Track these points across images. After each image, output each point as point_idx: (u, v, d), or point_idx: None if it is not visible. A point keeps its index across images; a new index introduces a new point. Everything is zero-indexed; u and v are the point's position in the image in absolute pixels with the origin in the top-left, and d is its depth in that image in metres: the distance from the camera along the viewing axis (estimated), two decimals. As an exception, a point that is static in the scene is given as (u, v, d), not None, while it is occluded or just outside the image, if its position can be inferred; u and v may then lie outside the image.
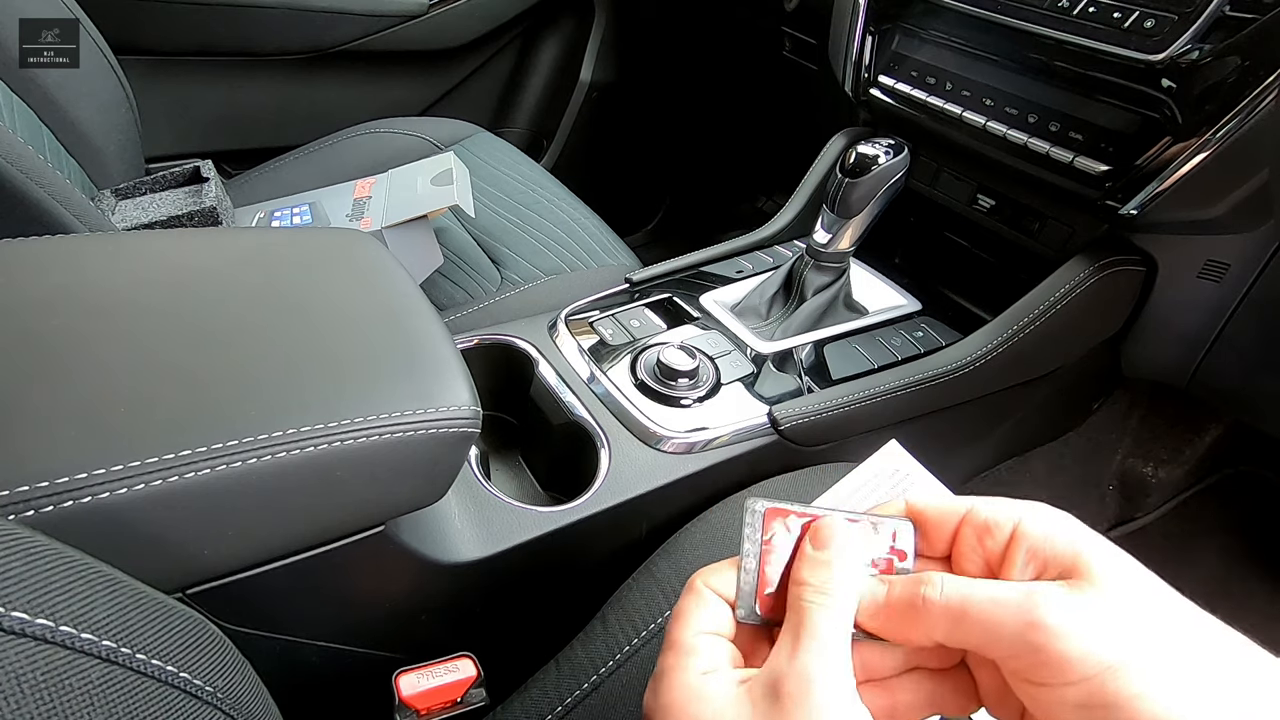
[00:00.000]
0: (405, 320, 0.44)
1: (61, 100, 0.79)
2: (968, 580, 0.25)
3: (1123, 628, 0.23)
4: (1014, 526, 0.26)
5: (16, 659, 0.19)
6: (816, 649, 0.25)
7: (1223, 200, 0.62)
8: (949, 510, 0.27)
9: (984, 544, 0.26)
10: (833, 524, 0.28)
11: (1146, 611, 0.23)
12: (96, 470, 0.31)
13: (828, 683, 0.24)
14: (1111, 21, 0.61)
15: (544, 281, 0.88)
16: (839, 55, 0.88)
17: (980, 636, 0.24)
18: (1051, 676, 0.23)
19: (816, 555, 0.27)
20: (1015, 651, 0.23)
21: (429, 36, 1.29)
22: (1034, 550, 0.25)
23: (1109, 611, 0.23)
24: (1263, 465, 0.95)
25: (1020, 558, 0.25)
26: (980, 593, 0.24)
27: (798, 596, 0.27)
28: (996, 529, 0.26)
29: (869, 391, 0.67)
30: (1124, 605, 0.23)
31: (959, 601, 0.25)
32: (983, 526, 0.26)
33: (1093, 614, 0.23)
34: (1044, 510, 0.26)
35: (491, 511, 0.56)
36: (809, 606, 0.26)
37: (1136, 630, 0.23)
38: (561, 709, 0.48)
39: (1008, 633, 0.23)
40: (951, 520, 0.27)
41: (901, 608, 0.26)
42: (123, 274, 0.42)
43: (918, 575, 0.26)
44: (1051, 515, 0.26)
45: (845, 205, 0.71)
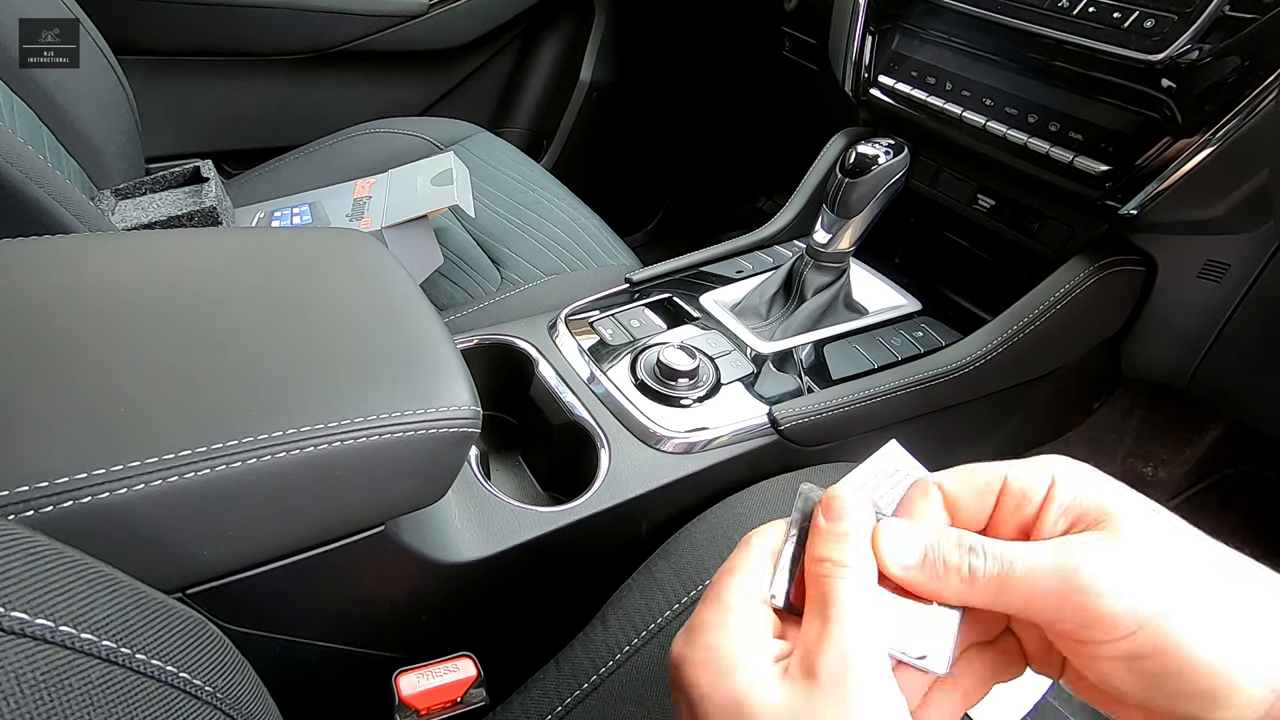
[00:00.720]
0: (405, 320, 0.44)
1: (61, 100, 0.79)
2: (1006, 547, 0.25)
3: (1162, 577, 0.23)
4: (1047, 488, 0.26)
5: (16, 659, 0.19)
6: (845, 625, 0.24)
7: (1223, 200, 0.62)
8: (985, 486, 0.27)
9: (1021, 511, 0.27)
10: (844, 494, 0.28)
11: (1181, 557, 0.23)
12: (96, 470, 0.31)
13: (861, 660, 0.24)
14: (1111, 21, 0.61)
15: (544, 281, 0.88)
16: (839, 55, 0.88)
17: (1024, 602, 0.24)
18: (1099, 634, 0.23)
19: (832, 528, 0.27)
20: (1060, 614, 0.24)
21: (429, 36, 1.29)
22: (1065, 507, 0.26)
23: (1146, 563, 0.23)
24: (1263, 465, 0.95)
25: (1052, 515, 0.26)
26: (1020, 560, 0.24)
27: (816, 574, 0.26)
28: (1033, 493, 0.26)
29: (869, 391, 0.67)
30: (1159, 554, 0.23)
31: (1001, 570, 0.25)
32: (1019, 496, 0.26)
33: (1131, 568, 0.23)
34: (1071, 466, 0.26)
35: (491, 511, 0.56)
36: (830, 582, 0.26)
37: (1175, 577, 0.23)
38: (561, 709, 0.48)
39: (1051, 597, 0.24)
40: (990, 498, 0.27)
41: (940, 570, 0.26)
42: (122, 274, 0.42)
43: (956, 538, 0.26)
44: (1078, 470, 0.26)
45: (845, 205, 0.71)
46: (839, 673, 0.23)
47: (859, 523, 0.27)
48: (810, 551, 0.27)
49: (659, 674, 0.48)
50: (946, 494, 0.28)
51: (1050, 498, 0.26)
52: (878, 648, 0.24)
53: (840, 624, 0.24)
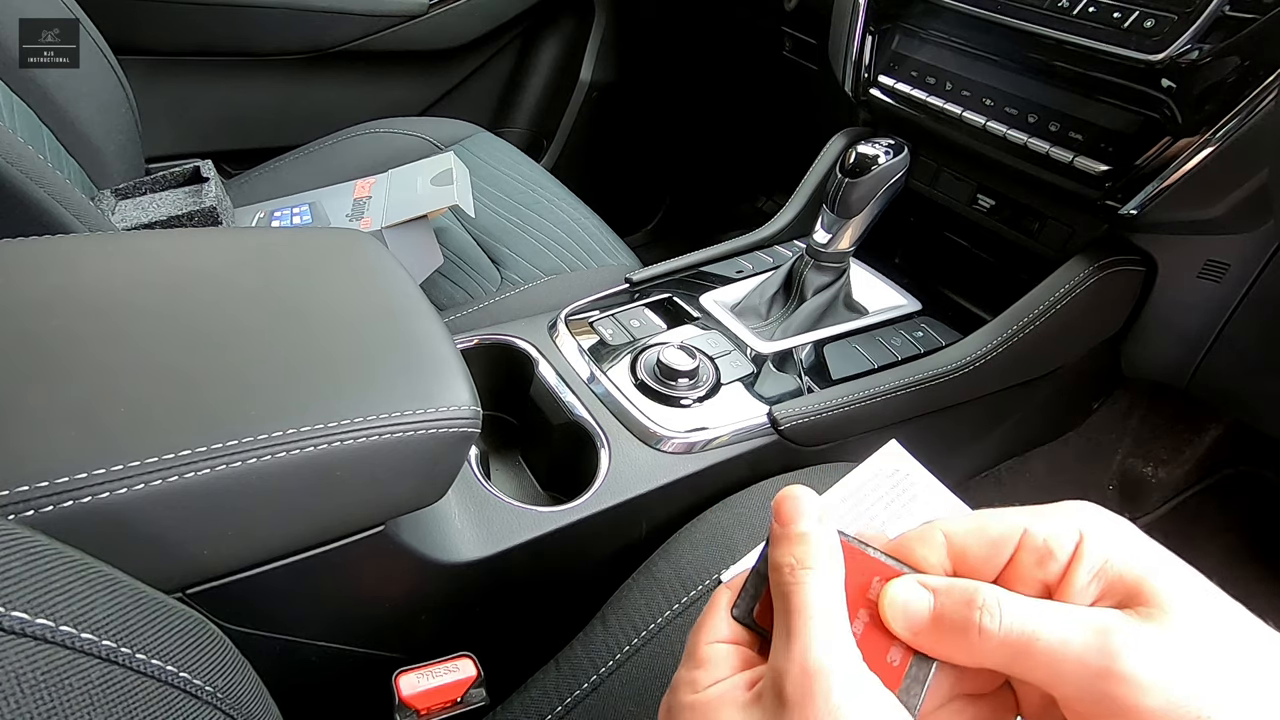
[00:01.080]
0: (405, 320, 0.44)
1: (61, 100, 0.79)
2: (1029, 607, 0.22)
3: (1205, 672, 0.20)
4: (1075, 545, 0.23)
5: (16, 659, 0.19)
6: (811, 637, 0.23)
7: (1223, 200, 0.62)
8: (999, 537, 0.24)
9: (1045, 568, 0.23)
10: (795, 494, 0.26)
11: (1229, 650, 0.21)
12: (96, 470, 0.31)
13: (825, 675, 0.22)
14: (1111, 21, 0.61)
15: (544, 281, 0.88)
16: (839, 55, 0.88)
17: (1045, 677, 0.22)
18: None
19: (787, 530, 0.25)
20: (1084, 696, 0.21)
21: (429, 36, 1.29)
22: (1098, 570, 0.23)
23: (1189, 653, 0.21)
24: (1263, 465, 0.95)
25: (1082, 577, 0.23)
26: (1046, 630, 0.22)
27: (777, 583, 0.25)
28: (1059, 550, 0.23)
29: (869, 391, 0.67)
30: (1204, 644, 0.21)
31: (1020, 637, 0.22)
32: (1043, 550, 0.23)
33: (1175, 658, 0.20)
34: (1105, 522, 0.24)
35: (491, 511, 0.56)
36: (791, 589, 0.24)
37: (1220, 674, 0.20)
38: (561, 709, 0.48)
39: (1078, 677, 0.21)
40: (1004, 550, 0.24)
41: (949, 626, 0.23)
42: (122, 274, 0.42)
43: (970, 590, 0.23)
44: (1115, 529, 0.23)
45: (845, 205, 0.71)
46: (804, 692, 0.22)
47: (814, 521, 0.25)
48: (771, 560, 0.25)
49: (659, 674, 0.48)
50: (952, 542, 0.25)
51: (1079, 556, 0.23)
52: (844, 656, 0.22)
53: (801, 636, 0.23)
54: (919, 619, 0.23)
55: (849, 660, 0.22)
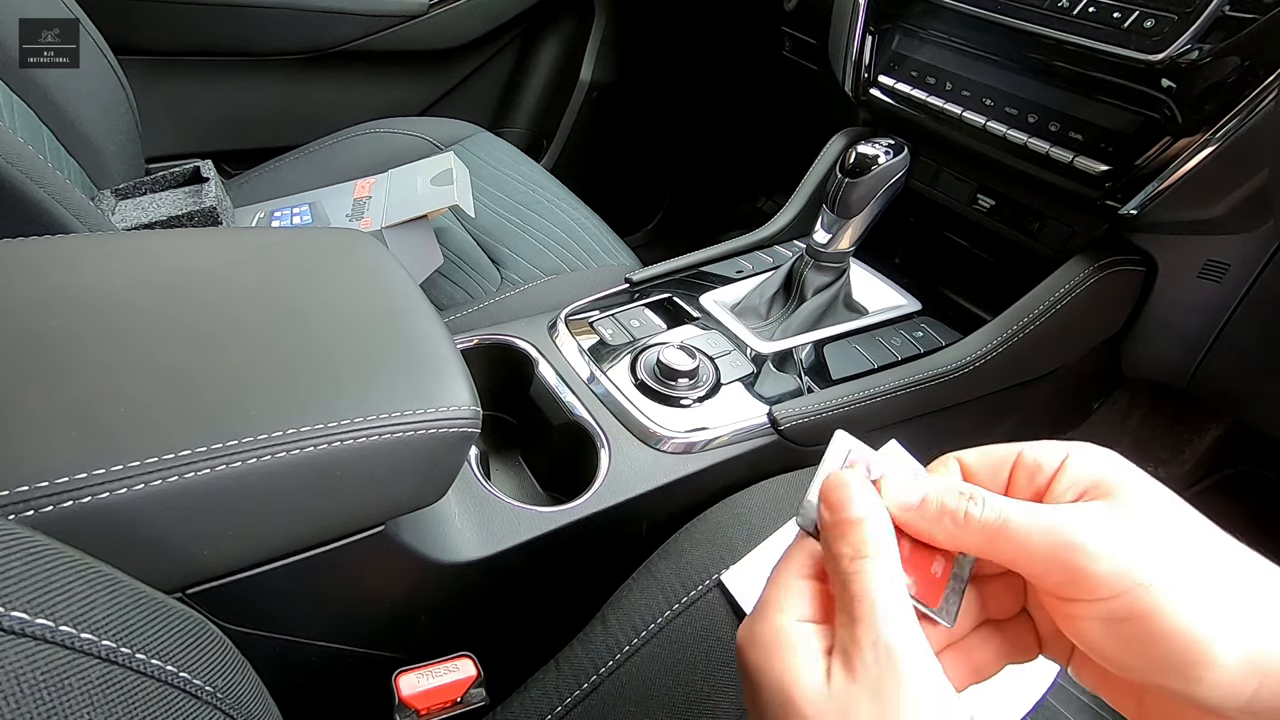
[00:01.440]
0: (405, 320, 0.44)
1: (61, 100, 0.78)
2: (1006, 501, 0.26)
3: (1151, 546, 0.23)
4: (1060, 461, 0.27)
5: (16, 659, 0.19)
6: (877, 623, 0.24)
7: (1223, 200, 0.62)
8: (1000, 460, 0.28)
9: (1034, 482, 0.27)
10: (846, 480, 0.27)
11: (1174, 530, 0.24)
12: (96, 470, 0.31)
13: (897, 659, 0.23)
14: (1111, 21, 0.61)
15: (544, 281, 0.88)
16: (839, 55, 0.88)
17: (1013, 553, 0.25)
18: (1081, 593, 0.24)
19: (839, 518, 0.26)
20: (1047, 569, 0.24)
21: (429, 36, 1.29)
22: (1076, 480, 0.26)
23: (1137, 530, 0.24)
24: (1263, 465, 0.95)
25: (1062, 485, 0.26)
26: (1017, 514, 0.25)
27: (835, 571, 0.26)
28: (1046, 464, 0.27)
29: (869, 391, 0.67)
30: (1152, 524, 0.24)
31: (997, 519, 0.25)
32: (1033, 467, 0.27)
33: (1122, 533, 0.24)
34: (1089, 446, 0.27)
35: (491, 511, 0.56)
36: (850, 576, 0.25)
37: (1164, 548, 0.23)
38: (561, 709, 0.48)
39: (1040, 551, 0.24)
40: (1004, 469, 0.28)
41: (936, 512, 0.26)
42: (122, 274, 0.42)
43: (958, 485, 0.27)
44: (1096, 449, 0.27)
45: (845, 205, 0.71)
46: (877, 675, 0.23)
47: (866, 504, 0.27)
48: (826, 549, 0.27)
49: (659, 674, 0.48)
50: (964, 465, 0.29)
51: (1063, 468, 0.26)
52: (913, 640, 0.24)
53: (871, 623, 0.24)
54: (910, 501, 0.27)
55: (919, 646, 0.24)
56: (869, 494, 0.27)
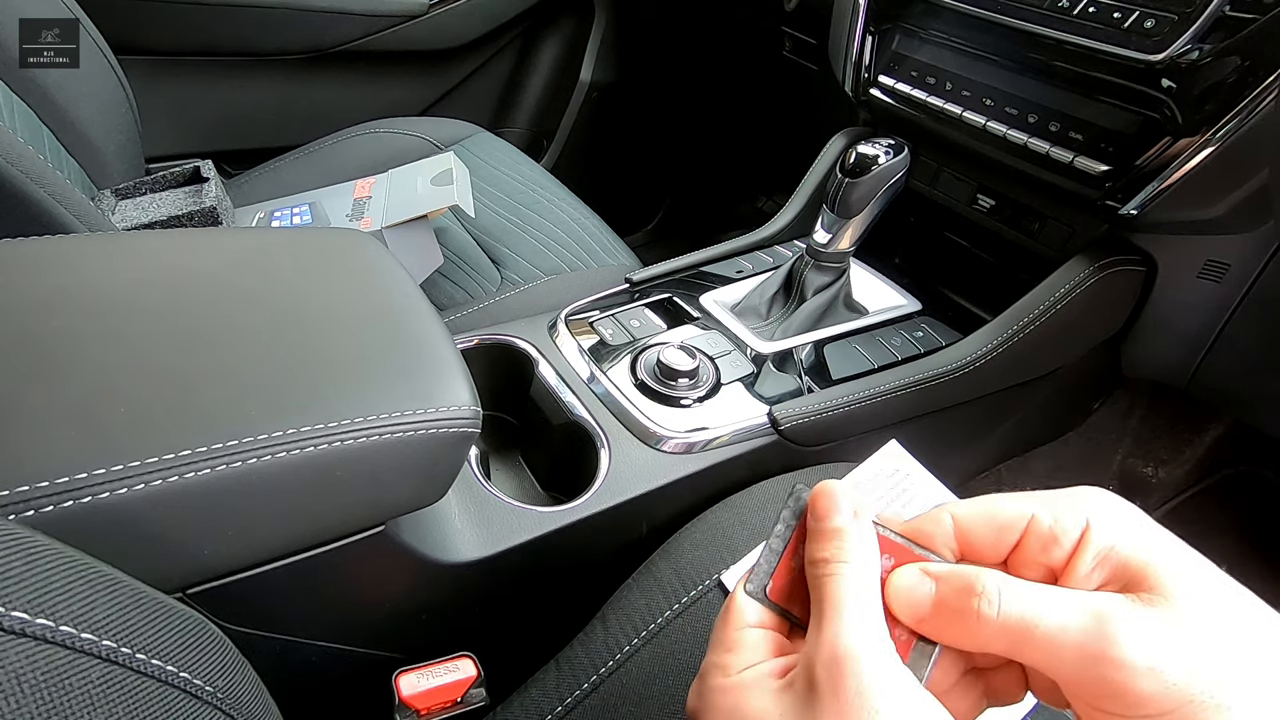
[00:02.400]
0: (405, 320, 0.44)
1: (61, 100, 0.78)
2: (1028, 592, 0.22)
3: (1205, 658, 0.20)
4: (1082, 531, 0.23)
5: (16, 659, 0.19)
6: (842, 624, 0.23)
7: (1223, 200, 0.61)
8: (1006, 522, 0.25)
9: (1049, 554, 0.24)
10: (832, 490, 0.26)
11: (1230, 635, 0.21)
12: (96, 470, 0.31)
13: (857, 656, 0.22)
14: (1111, 21, 0.61)
15: (544, 281, 0.88)
16: (839, 55, 0.88)
17: (1044, 661, 0.22)
18: (1121, 709, 0.21)
19: (823, 526, 0.25)
20: (1083, 680, 0.21)
21: (429, 36, 1.29)
22: (1103, 556, 0.23)
23: (1189, 639, 0.20)
24: (1263, 465, 0.95)
25: (1086, 562, 0.23)
26: (1045, 617, 0.22)
27: (814, 576, 0.25)
28: (1064, 537, 0.23)
29: (869, 391, 0.67)
30: (1205, 630, 0.21)
31: (1019, 623, 0.22)
32: (1048, 537, 0.24)
33: (1171, 643, 0.20)
34: (1113, 507, 0.24)
35: (491, 511, 0.56)
36: (827, 582, 0.24)
37: (1220, 661, 0.20)
38: (561, 709, 0.48)
39: (1075, 662, 0.21)
40: (1010, 535, 0.24)
41: (950, 613, 0.23)
42: (122, 274, 0.42)
43: (969, 577, 0.23)
44: (1122, 514, 0.23)
45: (845, 205, 0.71)
46: (834, 680, 0.22)
47: (850, 516, 0.25)
48: (808, 555, 0.26)
49: (659, 674, 0.48)
50: (959, 525, 0.25)
51: (1085, 542, 0.23)
52: (877, 648, 0.22)
53: (833, 624, 0.23)
54: (921, 607, 0.24)
55: (880, 647, 0.22)
56: (855, 506, 0.26)
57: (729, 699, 0.24)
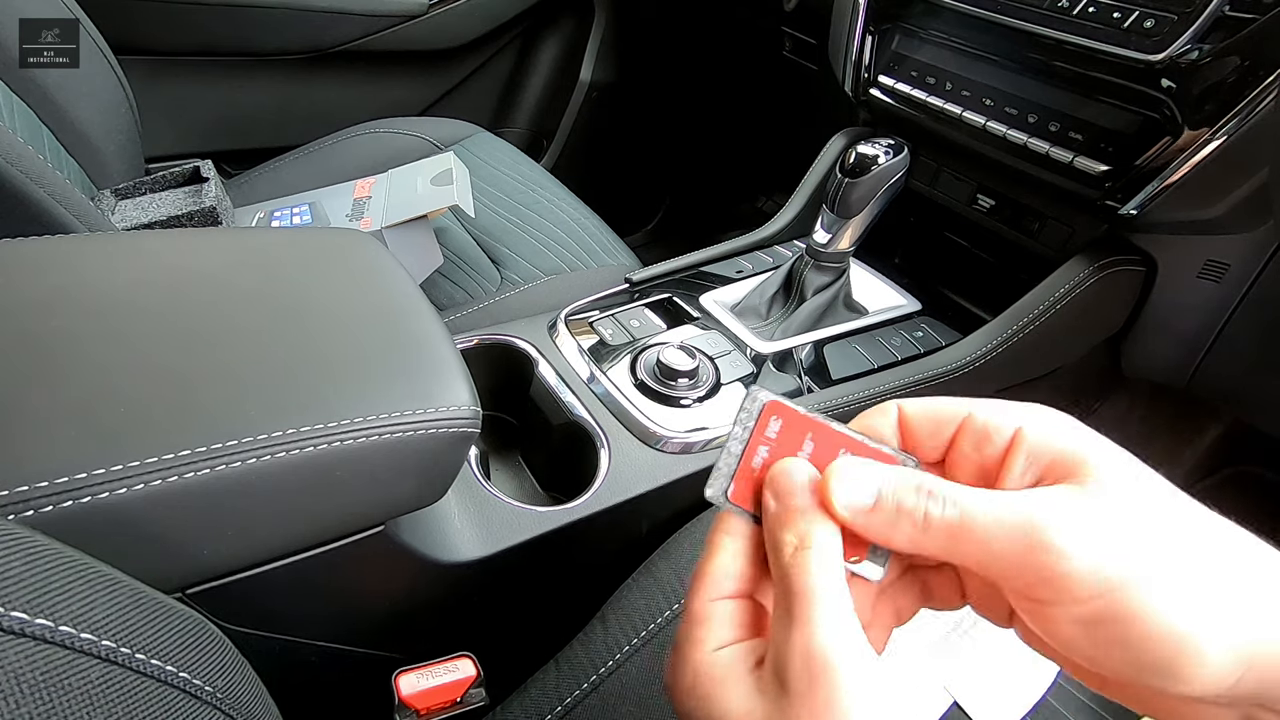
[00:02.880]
0: (405, 320, 0.44)
1: (61, 100, 0.79)
2: (968, 493, 0.23)
3: (1131, 540, 0.21)
4: (1014, 432, 0.24)
5: (16, 659, 0.19)
6: (815, 624, 0.22)
7: (1222, 200, 0.62)
8: (945, 417, 0.25)
9: (982, 451, 0.24)
10: (791, 467, 0.25)
11: (1155, 520, 0.22)
12: (96, 470, 0.31)
13: (833, 665, 0.21)
14: (1111, 21, 0.61)
15: (544, 281, 0.88)
16: (839, 55, 0.88)
17: (978, 557, 0.22)
18: (1056, 596, 0.21)
19: (785, 504, 0.25)
20: (1018, 574, 0.22)
21: (429, 36, 1.29)
22: (1034, 455, 0.23)
23: (1117, 523, 0.21)
24: (1263, 465, 0.95)
25: (1019, 464, 0.23)
26: (979, 513, 0.22)
27: (776, 563, 0.24)
28: (996, 434, 0.24)
29: (869, 391, 0.67)
30: (1132, 514, 0.21)
31: (960, 520, 0.22)
32: (981, 433, 0.24)
33: (1097, 525, 0.21)
34: (1045, 412, 0.24)
35: (491, 511, 0.56)
36: (790, 569, 0.23)
37: (1146, 542, 0.21)
38: (561, 709, 0.48)
39: (1007, 552, 0.22)
40: (948, 429, 0.25)
41: (893, 514, 0.23)
42: (122, 274, 0.42)
43: (916, 480, 0.24)
44: (1053, 417, 0.24)
45: (845, 205, 0.71)
46: (808, 684, 0.21)
47: (808, 494, 0.25)
48: (768, 536, 0.25)
49: (659, 674, 0.48)
50: (904, 416, 0.26)
51: (1017, 441, 0.24)
52: (850, 646, 0.22)
53: (804, 624, 0.22)
54: (863, 504, 0.24)
55: (855, 651, 0.22)
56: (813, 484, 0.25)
57: (703, 685, 0.24)
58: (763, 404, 0.27)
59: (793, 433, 0.26)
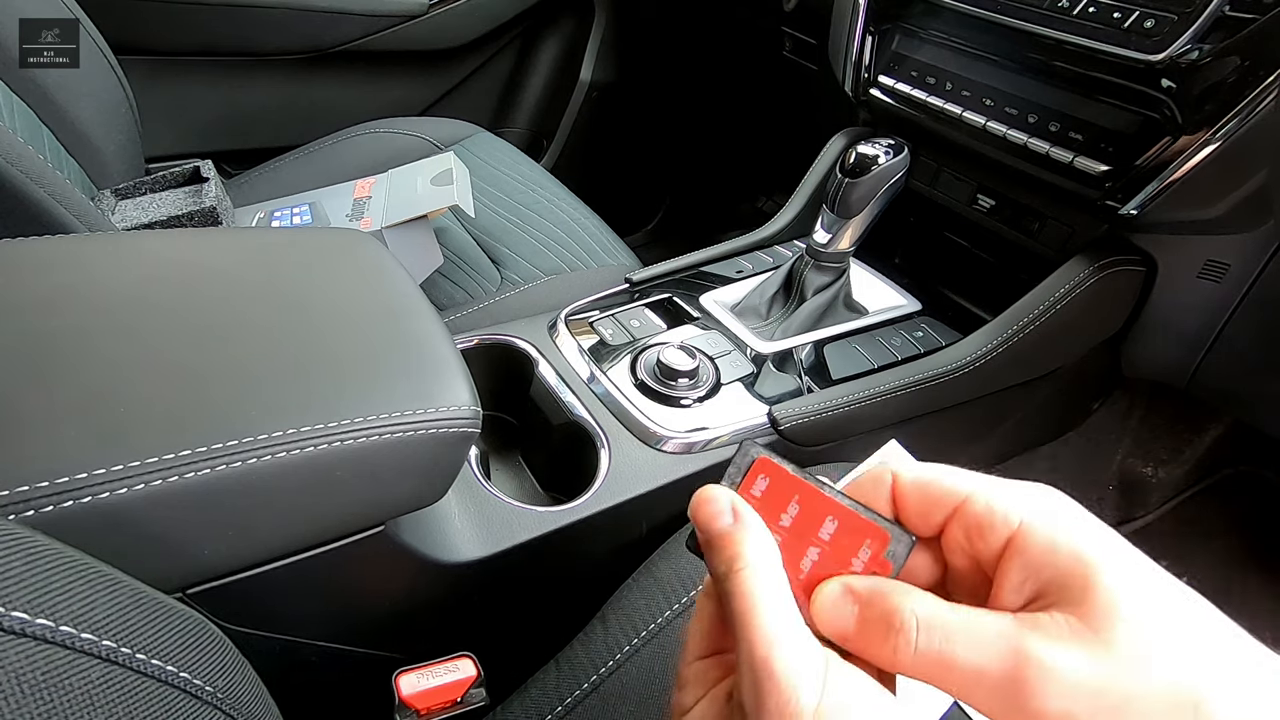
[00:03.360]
0: (405, 320, 0.44)
1: (61, 100, 0.78)
2: (947, 624, 0.21)
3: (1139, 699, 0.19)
4: (1012, 532, 0.21)
5: (16, 659, 0.19)
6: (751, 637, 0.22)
7: (1223, 200, 0.62)
8: (940, 498, 0.23)
9: (975, 545, 0.22)
10: (709, 494, 0.25)
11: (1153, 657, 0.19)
12: (96, 470, 0.31)
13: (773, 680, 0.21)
14: (1111, 21, 0.61)
15: (544, 281, 0.88)
16: (839, 55, 0.88)
17: (962, 697, 0.21)
18: None
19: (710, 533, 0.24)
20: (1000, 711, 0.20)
21: (429, 36, 1.29)
22: (1033, 566, 0.21)
23: (1110, 674, 0.19)
24: (1263, 465, 0.95)
25: (1015, 574, 0.21)
26: (960, 655, 0.20)
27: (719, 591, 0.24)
28: (991, 531, 0.22)
29: (869, 391, 0.67)
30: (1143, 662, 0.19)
31: (937, 660, 0.21)
32: (976, 525, 0.22)
33: (1093, 679, 0.19)
34: (1049, 508, 0.22)
35: (491, 511, 0.56)
36: (728, 593, 0.23)
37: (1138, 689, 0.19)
38: (561, 709, 0.48)
39: (995, 695, 0.20)
40: (941, 512, 0.23)
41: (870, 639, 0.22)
42: (122, 274, 0.42)
43: (889, 611, 0.22)
44: (1058, 516, 0.22)
45: (845, 205, 0.71)
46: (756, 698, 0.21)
47: (730, 517, 0.24)
48: (709, 568, 0.25)
49: (659, 674, 0.48)
50: (898, 489, 0.24)
51: (1015, 545, 0.21)
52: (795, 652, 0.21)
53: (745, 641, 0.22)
54: (844, 629, 0.23)
55: (799, 659, 0.21)
56: (732, 505, 0.24)
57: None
58: (752, 459, 0.26)
59: (778, 494, 0.26)
